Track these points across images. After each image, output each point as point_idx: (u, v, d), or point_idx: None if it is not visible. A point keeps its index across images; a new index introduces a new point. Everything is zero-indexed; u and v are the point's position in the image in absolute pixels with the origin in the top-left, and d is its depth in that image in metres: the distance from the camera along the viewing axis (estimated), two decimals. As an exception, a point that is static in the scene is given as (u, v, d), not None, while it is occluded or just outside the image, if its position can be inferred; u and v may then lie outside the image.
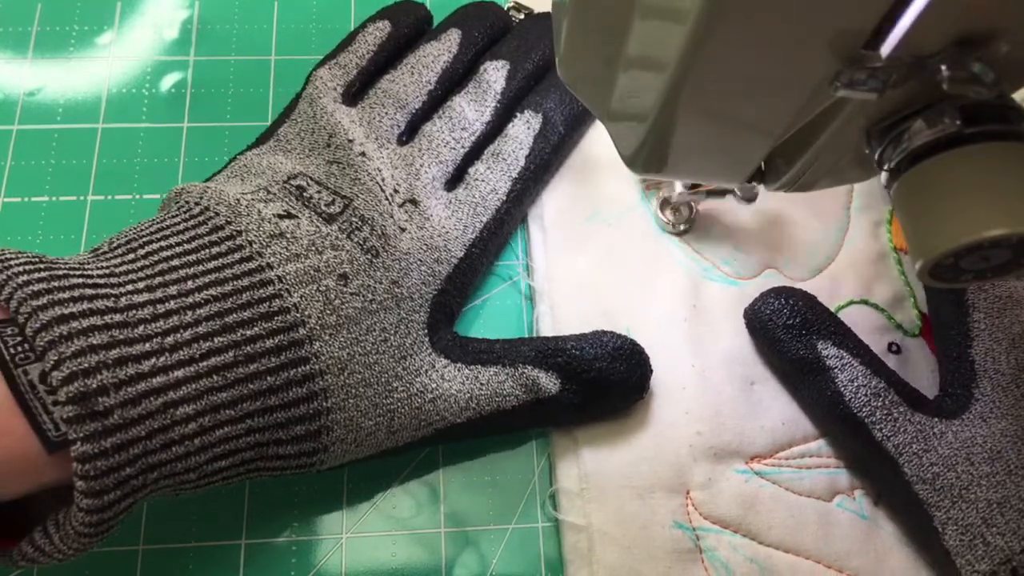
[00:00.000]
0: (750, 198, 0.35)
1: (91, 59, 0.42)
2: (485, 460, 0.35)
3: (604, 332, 0.34)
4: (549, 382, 0.33)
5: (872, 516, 0.34)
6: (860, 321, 0.37)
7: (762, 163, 0.29)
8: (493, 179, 0.36)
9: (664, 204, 0.39)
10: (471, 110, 0.37)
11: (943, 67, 0.20)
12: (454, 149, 0.37)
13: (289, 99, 0.39)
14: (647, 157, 0.28)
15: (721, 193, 0.37)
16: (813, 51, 0.20)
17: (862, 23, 0.20)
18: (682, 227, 0.39)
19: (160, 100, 0.41)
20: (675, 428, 0.35)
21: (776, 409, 0.36)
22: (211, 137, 0.41)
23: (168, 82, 0.42)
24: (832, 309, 0.37)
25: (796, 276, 0.38)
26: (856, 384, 0.33)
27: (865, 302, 0.38)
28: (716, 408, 0.35)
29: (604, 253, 0.38)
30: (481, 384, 0.33)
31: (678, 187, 0.38)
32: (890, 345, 0.37)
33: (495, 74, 0.38)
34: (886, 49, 0.20)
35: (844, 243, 0.39)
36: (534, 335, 0.37)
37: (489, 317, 0.38)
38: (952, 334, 0.34)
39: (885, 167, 0.24)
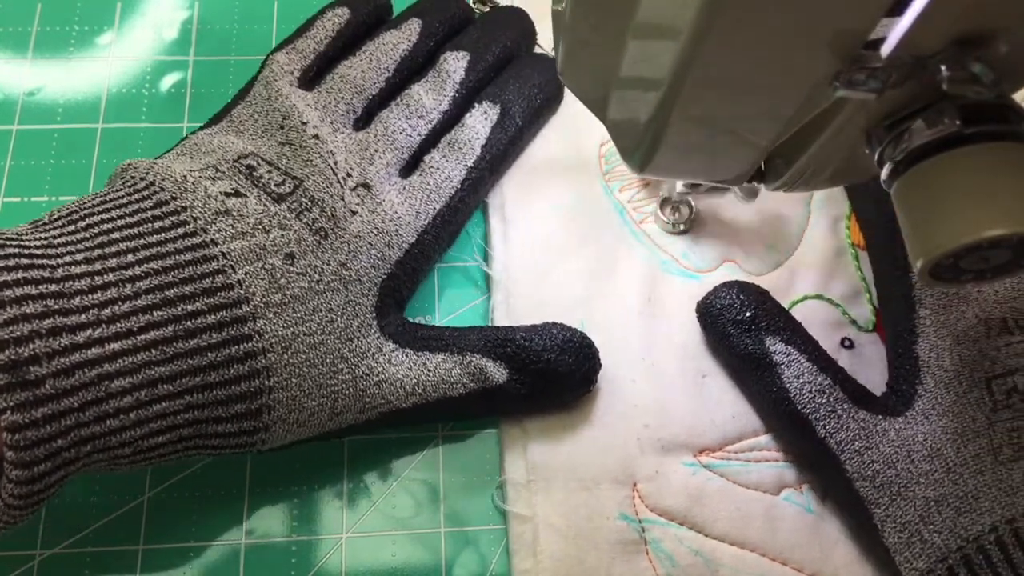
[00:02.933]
0: (750, 196, 0.35)
1: (91, 59, 0.42)
2: (485, 460, 0.35)
3: (554, 324, 0.34)
4: (497, 371, 0.33)
5: (818, 511, 0.35)
6: (815, 316, 0.37)
7: (762, 163, 0.29)
8: (448, 167, 0.36)
9: (664, 203, 0.39)
10: (429, 98, 0.37)
11: (943, 67, 0.20)
12: (410, 136, 0.36)
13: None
14: (647, 157, 0.28)
15: (722, 191, 0.37)
16: (813, 51, 0.20)
17: (862, 23, 0.20)
18: (682, 227, 0.39)
19: (160, 100, 0.41)
20: (624, 420, 0.35)
21: (727, 403, 0.36)
22: (211, 137, 0.41)
23: (168, 82, 0.42)
24: (788, 304, 0.37)
25: (755, 270, 0.39)
26: (802, 381, 0.33)
27: (820, 297, 0.38)
28: (666, 401, 0.36)
29: (563, 245, 0.38)
30: (428, 370, 0.33)
31: (678, 185, 0.38)
32: (843, 340, 0.37)
33: (455, 64, 0.38)
34: (886, 49, 0.20)
35: (803, 238, 0.39)
36: (488, 325, 0.37)
37: (445, 305, 0.38)
38: (899, 330, 0.34)
39: (885, 167, 0.24)
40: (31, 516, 0.26)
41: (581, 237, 0.38)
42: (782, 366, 0.33)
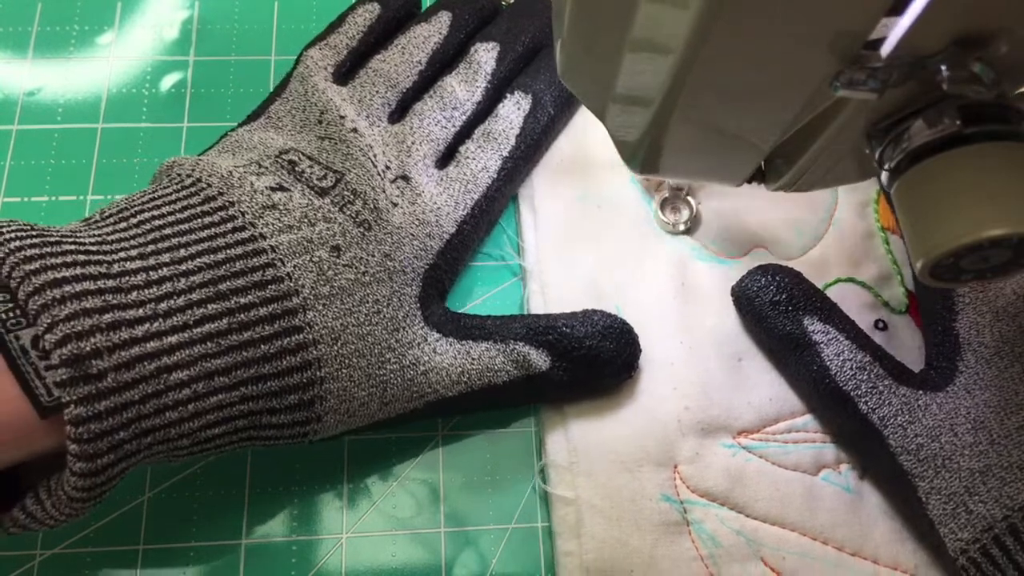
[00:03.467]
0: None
1: (91, 59, 0.42)
2: (485, 460, 0.35)
3: (595, 311, 0.35)
4: (540, 359, 0.33)
5: (857, 489, 0.35)
6: (847, 298, 0.38)
7: (762, 163, 0.29)
8: (484, 157, 0.37)
9: (664, 204, 0.39)
10: (462, 90, 0.38)
11: (943, 67, 0.20)
12: (445, 128, 0.37)
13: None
14: (646, 157, 0.28)
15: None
16: (813, 51, 0.20)
17: (862, 24, 0.20)
18: (682, 227, 0.39)
19: (160, 100, 0.41)
20: (663, 403, 0.36)
21: (763, 385, 0.36)
22: (211, 137, 0.40)
23: (168, 82, 0.42)
24: (821, 287, 0.37)
25: (784, 256, 0.39)
26: (842, 358, 0.33)
27: (852, 280, 0.38)
28: (704, 384, 0.36)
29: (594, 233, 0.39)
30: (472, 359, 0.33)
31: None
32: (877, 322, 0.38)
33: (485, 55, 0.38)
34: (886, 49, 0.20)
35: (832, 223, 0.40)
36: (527, 313, 0.37)
37: (482, 296, 0.38)
38: (937, 308, 0.35)
39: (885, 167, 0.24)
40: (93, 509, 0.26)
41: (611, 225, 0.39)
42: (821, 344, 0.34)
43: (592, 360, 0.34)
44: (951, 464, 0.32)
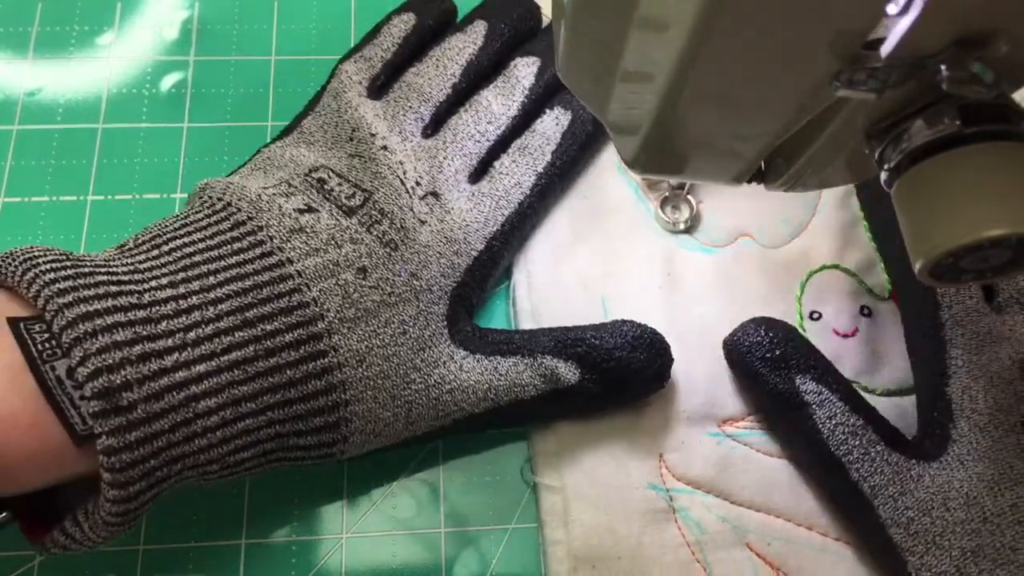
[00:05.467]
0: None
1: (91, 59, 0.42)
2: (485, 460, 0.35)
3: (624, 321, 0.34)
4: (568, 372, 0.33)
5: None
6: (834, 285, 0.38)
7: (762, 163, 0.29)
8: (518, 173, 0.36)
9: (664, 203, 0.39)
10: (498, 104, 0.37)
11: (943, 67, 0.20)
12: (479, 142, 0.37)
13: (289, 99, 0.39)
14: (647, 158, 0.28)
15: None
16: (813, 51, 0.20)
17: (862, 23, 0.20)
18: (682, 226, 0.39)
19: (160, 100, 0.41)
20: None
21: None
22: (211, 137, 0.41)
23: (168, 82, 0.42)
24: (807, 274, 0.38)
25: (770, 243, 0.39)
26: (834, 422, 0.32)
27: (837, 266, 0.39)
28: (689, 373, 0.36)
29: (580, 222, 0.39)
30: (500, 375, 0.33)
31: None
32: (862, 308, 0.38)
33: (525, 70, 0.38)
34: (886, 49, 0.20)
35: (816, 211, 0.40)
36: (511, 302, 0.37)
37: None
38: (929, 370, 0.34)
39: (885, 167, 0.24)
40: (127, 531, 0.27)
41: (598, 216, 0.39)
42: (813, 406, 0.33)
43: (622, 371, 0.33)
44: (942, 541, 0.31)
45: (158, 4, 0.43)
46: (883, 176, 0.24)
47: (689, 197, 0.39)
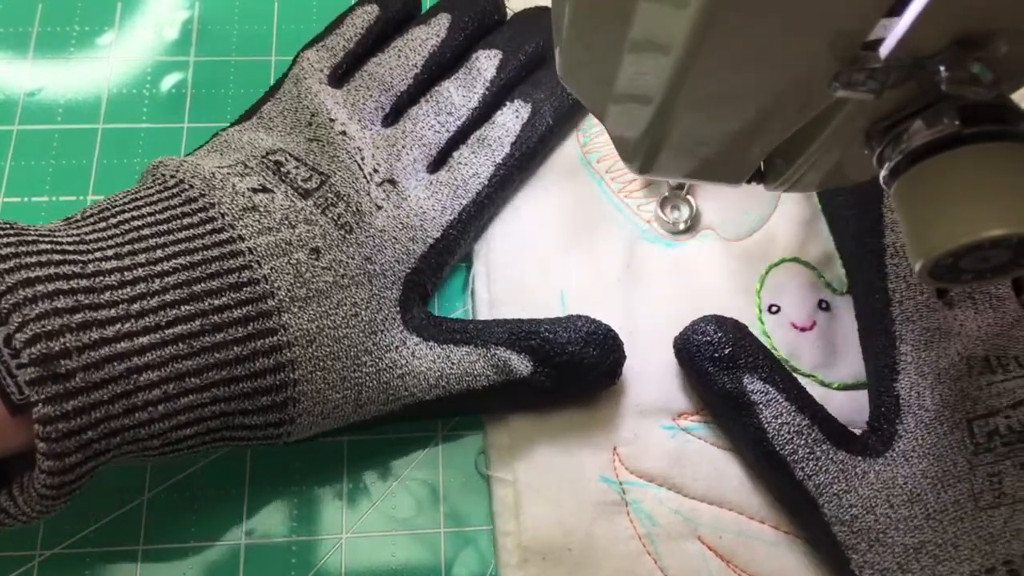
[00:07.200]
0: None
1: (91, 59, 0.42)
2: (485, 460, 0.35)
3: (579, 316, 0.34)
4: (521, 364, 0.33)
5: None
6: (794, 278, 0.38)
7: (761, 163, 0.29)
8: (476, 163, 0.37)
9: (664, 203, 0.39)
10: (458, 95, 0.38)
11: (942, 67, 0.20)
12: (438, 132, 0.37)
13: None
14: (646, 158, 0.28)
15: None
16: (811, 53, 0.20)
17: (861, 24, 0.20)
18: (682, 226, 0.39)
19: (160, 100, 0.41)
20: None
21: None
22: (211, 137, 0.41)
23: (168, 82, 0.42)
24: (767, 267, 0.38)
25: (731, 236, 0.39)
26: (780, 421, 0.33)
27: (797, 260, 0.39)
28: (644, 366, 0.36)
29: (543, 216, 0.39)
30: (452, 363, 0.33)
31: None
32: (820, 303, 0.38)
33: (487, 62, 0.38)
34: (885, 49, 0.20)
35: (778, 205, 0.40)
36: (470, 293, 0.38)
37: None
38: (880, 366, 0.33)
39: (884, 167, 0.24)
40: (63, 507, 0.27)
41: (560, 208, 0.39)
42: (760, 405, 0.33)
43: (575, 366, 0.33)
44: (885, 539, 0.31)
45: (158, 4, 0.43)
46: (882, 176, 0.24)
47: (689, 197, 0.39)
